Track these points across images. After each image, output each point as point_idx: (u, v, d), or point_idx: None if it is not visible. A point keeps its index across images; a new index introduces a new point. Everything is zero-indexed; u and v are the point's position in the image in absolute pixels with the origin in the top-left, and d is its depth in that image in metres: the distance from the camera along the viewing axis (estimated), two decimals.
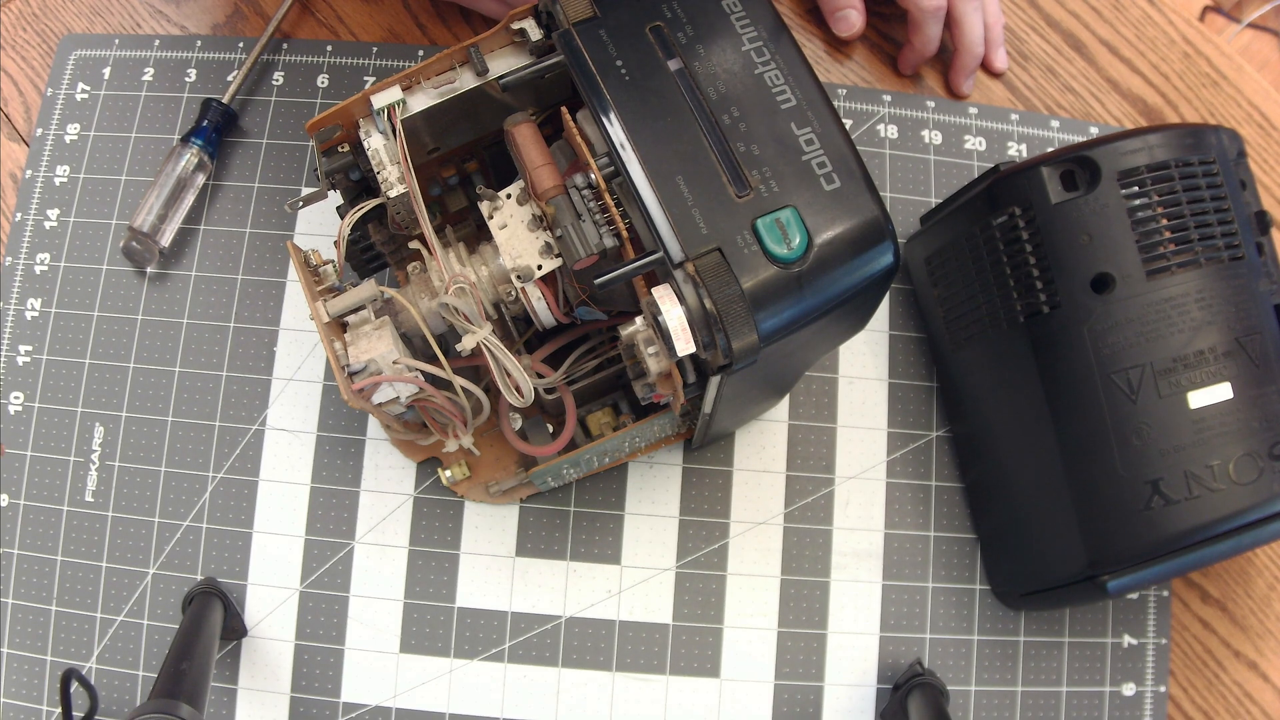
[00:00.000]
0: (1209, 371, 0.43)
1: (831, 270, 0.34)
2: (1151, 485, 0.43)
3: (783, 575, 0.52)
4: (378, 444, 0.53)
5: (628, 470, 0.53)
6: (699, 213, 0.34)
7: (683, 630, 0.51)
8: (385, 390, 0.40)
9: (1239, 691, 0.52)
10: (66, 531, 0.52)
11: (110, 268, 0.55)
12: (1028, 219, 0.45)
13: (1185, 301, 0.43)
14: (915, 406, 0.54)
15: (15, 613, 0.51)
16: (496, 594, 0.51)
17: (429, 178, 0.46)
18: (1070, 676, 0.52)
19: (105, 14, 0.59)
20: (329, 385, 0.53)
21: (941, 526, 0.53)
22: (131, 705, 0.50)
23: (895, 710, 0.48)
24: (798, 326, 0.34)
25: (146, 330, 0.54)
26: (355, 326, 0.41)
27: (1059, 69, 0.60)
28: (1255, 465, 0.42)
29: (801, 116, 0.36)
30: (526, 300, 0.41)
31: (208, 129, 0.54)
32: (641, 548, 0.52)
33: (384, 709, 0.50)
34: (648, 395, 0.40)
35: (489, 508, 0.52)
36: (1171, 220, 0.43)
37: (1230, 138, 0.46)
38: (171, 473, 0.52)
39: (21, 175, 0.56)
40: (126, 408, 0.53)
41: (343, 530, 0.52)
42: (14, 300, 0.54)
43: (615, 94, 0.36)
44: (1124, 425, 0.43)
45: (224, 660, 0.50)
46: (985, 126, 0.58)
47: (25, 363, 0.54)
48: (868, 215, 0.35)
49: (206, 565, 0.51)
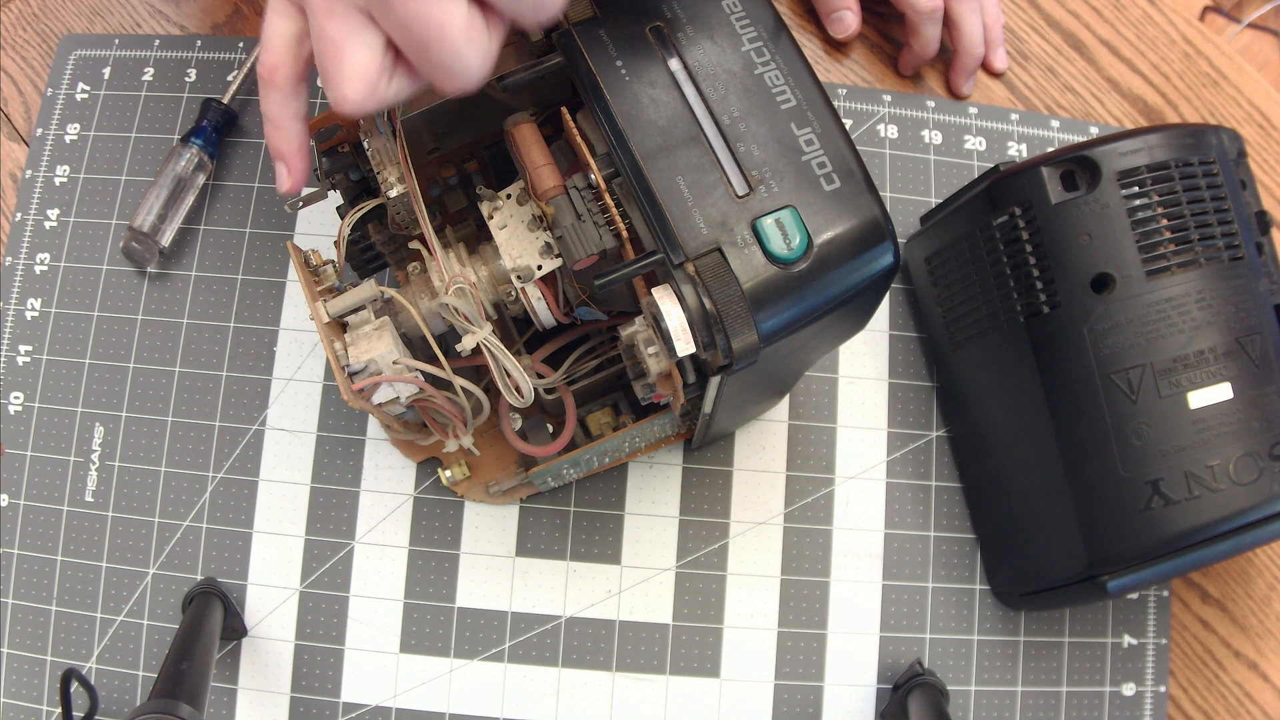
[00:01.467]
0: (1209, 371, 0.43)
1: (831, 270, 0.34)
2: (1151, 485, 0.43)
3: (783, 575, 0.52)
4: (378, 444, 0.53)
5: (628, 470, 0.53)
6: (699, 213, 0.34)
7: (683, 630, 0.51)
8: (385, 390, 0.40)
9: (1239, 691, 0.52)
10: (66, 531, 0.52)
11: (110, 268, 0.55)
12: (1028, 219, 0.45)
13: (1185, 301, 0.43)
14: (915, 406, 0.54)
15: (15, 613, 0.51)
16: (496, 594, 0.51)
17: (429, 178, 0.46)
18: (1070, 676, 0.52)
19: (105, 14, 0.59)
20: (329, 385, 0.53)
21: (941, 526, 0.53)
22: (131, 705, 0.50)
23: (895, 710, 0.48)
24: (798, 326, 0.34)
25: (146, 330, 0.54)
26: (355, 326, 0.41)
27: (1059, 69, 0.60)
28: (1255, 465, 0.42)
29: (801, 116, 0.36)
30: (526, 300, 0.41)
31: (208, 129, 0.54)
32: (641, 548, 0.52)
33: (384, 709, 0.50)
34: (648, 395, 0.39)
35: (489, 508, 0.52)
36: (1171, 220, 0.43)
37: (1230, 138, 0.46)
38: (171, 473, 0.52)
39: (21, 175, 0.56)
40: (126, 408, 0.53)
41: (343, 530, 0.52)
42: (14, 300, 0.54)
43: (615, 94, 0.36)
44: (1124, 425, 0.43)
45: (224, 660, 0.50)
46: (985, 126, 0.58)
47: (25, 363, 0.54)
48: (868, 215, 0.35)
49: (206, 565, 0.51)
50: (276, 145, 0.37)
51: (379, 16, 0.32)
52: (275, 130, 0.37)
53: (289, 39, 0.35)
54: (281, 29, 0.35)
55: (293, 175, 0.37)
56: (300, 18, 0.35)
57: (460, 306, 0.40)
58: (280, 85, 0.36)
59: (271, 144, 0.37)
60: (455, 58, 0.32)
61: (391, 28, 0.32)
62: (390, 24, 0.32)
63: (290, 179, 0.37)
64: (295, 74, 0.36)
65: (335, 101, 0.33)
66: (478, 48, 0.33)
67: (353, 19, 0.32)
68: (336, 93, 0.33)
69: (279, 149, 0.37)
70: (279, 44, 0.35)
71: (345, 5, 0.32)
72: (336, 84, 0.33)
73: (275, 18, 0.35)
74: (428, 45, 0.32)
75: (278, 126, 0.37)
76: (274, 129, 0.37)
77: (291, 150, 0.37)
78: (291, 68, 0.35)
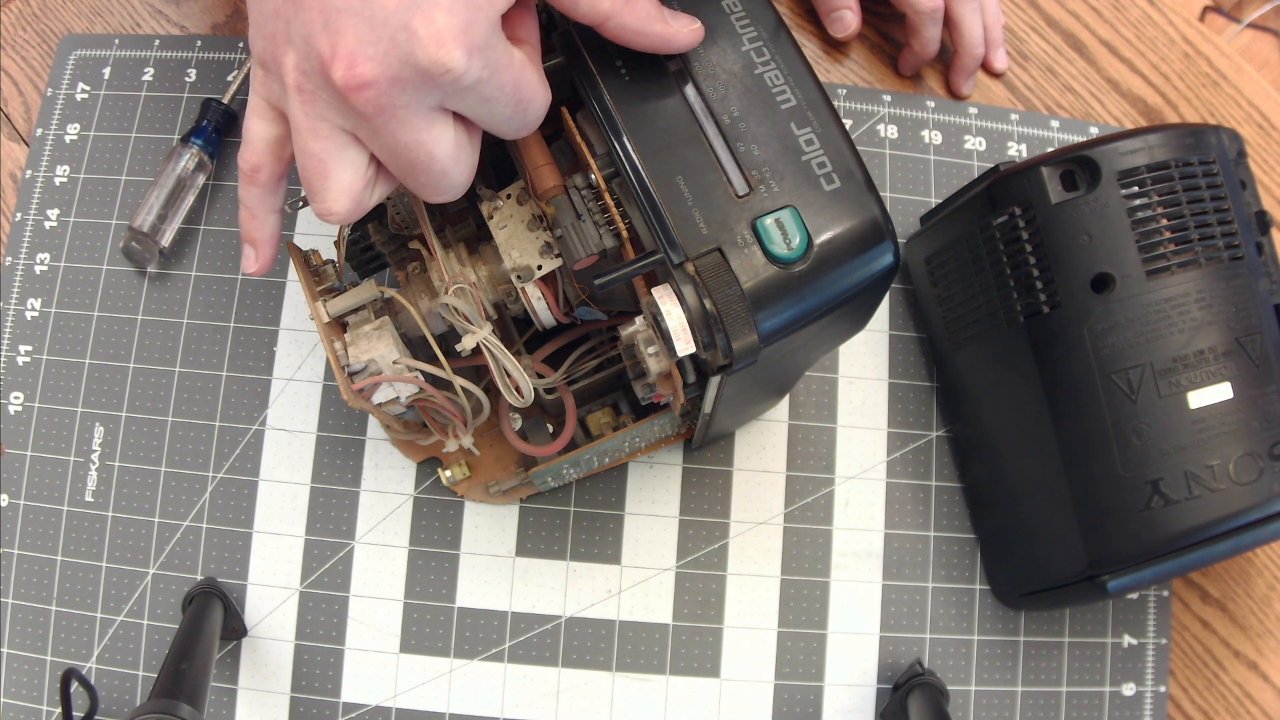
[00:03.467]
0: (1209, 371, 0.43)
1: (831, 270, 0.34)
2: (1151, 485, 0.43)
3: (783, 575, 0.52)
4: (378, 444, 0.53)
5: (628, 470, 0.53)
6: (699, 213, 0.34)
7: (683, 630, 0.51)
8: (385, 390, 0.40)
9: (1239, 691, 0.52)
10: (66, 531, 0.52)
11: (110, 268, 0.55)
12: (1028, 219, 0.45)
13: (1185, 301, 0.43)
14: (915, 406, 0.54)
15: (15, 613, 0.51)
16: (496, 594, 0.51)
17: None
18: (1070, 676, 0.52)
19: (105, 14, 0.59)
20: (329, 385, 0.53)
21: (941, 526, 0.53)
22: (131, 705, 0.50)
23: (895, 710, 0.48)
24: (798, 326, 0.34)
25: (146, 330, 0.54)
26: (355, 326, 0.41)
27: (1059, 69, 0.60)
28: (1255, 465, 0.42)
29: (801, 116, 0.36)
30: (526, 300, 0.41)
31: (208, 129, 0.54)
32: (641, 548, 0.52)
33: (384, 709, 0.50)
34: (648, 395, 0.39)
35: (489, 508, 0.52)
36: (1171, 220, 0.43)
37: (1230, 138, 0.46)
38: (171, 473, 0.52)
39: (21, 175, 0.56)
40: (126, 408, 0.53)
41: (343, 530, 0.52)
42: (14, 300, 0.54)
43: (615, 94, 0.36)
44: (1124, 425, 0.43)
45: (224, 660, 0.50)
46: (985, 126, 0.58)
47: (25, 363, 0.54)
48: (868, 215, 0.35)
49: (206, 565, 0.51)
50: (250, 232, 0.38)
51: (365, 139, 0.32)
52: (251, 219, 0.37)
53: (270, 141, 0.35)
54: (263, 131, 0.35)
55: (259, 260, 0.38)
56: (281, 122, 0.34)
57: (460, 306, 0.40)
58: (261, 184, 0.36)
59: (244, 229, 0.37)
60: (444, 177, 0.33)
61: (379, 150, 0.32)
62: (378, 147, 0.32)
63: (257, 263, 0.38)
64: (276, 175, 0.36)
65: (320, 214, 0.33)
66: (464, 166, 0.33)
67: (337, 139, 0.32)
68: (322, 207, 0.33)
69: (252, 236, 0.38)
70: (261, 146, 0.35)
71: (329, 126, 0.32)
72: (322, 199, 0.33)
73: (256, 121, 0.35)
74: (416, 169, 0.32)
75: (254, 215, 0.37)
76: (250, 217, 0.37)
77: (263, 238, 0.38)
78: (273, 169, 0.36)
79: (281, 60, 0.31)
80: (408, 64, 0.30)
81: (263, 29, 0.32)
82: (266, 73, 0.33)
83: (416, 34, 0.29)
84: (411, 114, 0.31)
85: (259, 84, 0.34)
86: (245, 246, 0.38)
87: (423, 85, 0.30)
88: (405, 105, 0.30)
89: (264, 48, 0.32)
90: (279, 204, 0.37)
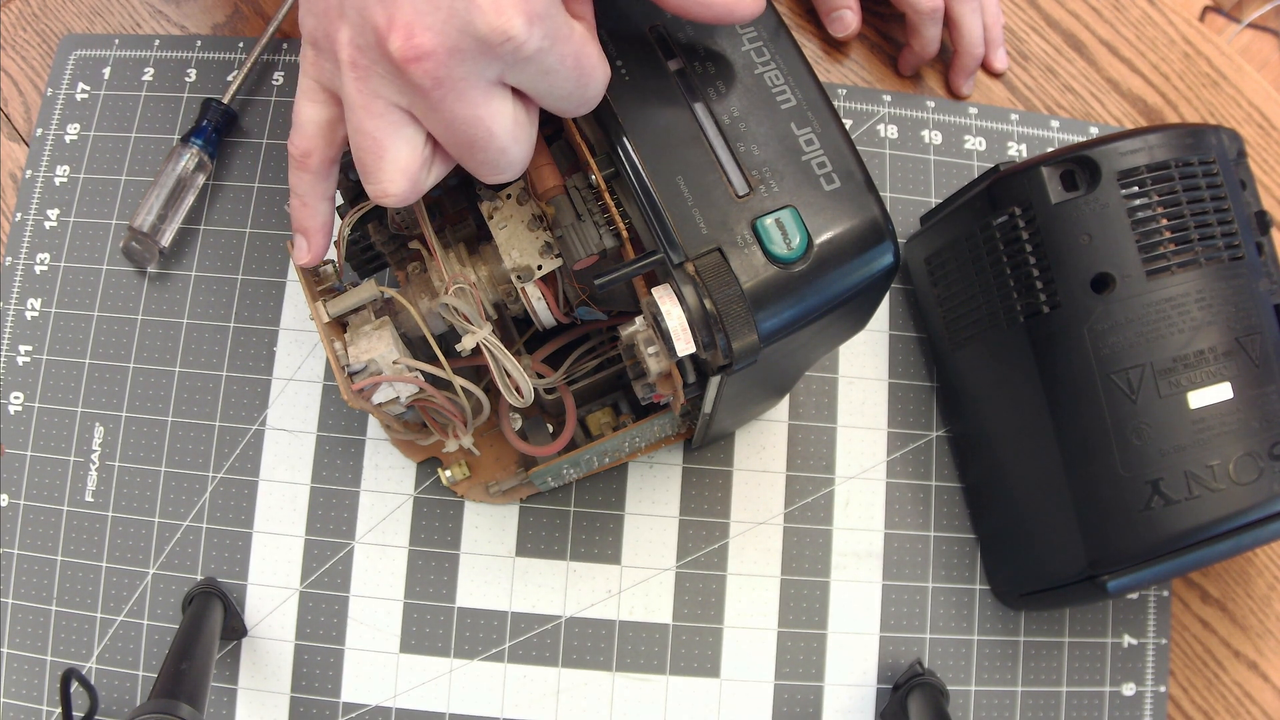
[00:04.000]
0: (1209, 371, 0.43)
1: (831, 270, 0.34)
2: (1151, 485, 0.43)
3: (783, 575, 0.52)
4: (378, 444, 0.53)
5: (628, 470, 0.53)
6: (699, 213, 0.34)
7: (683, 630, 0.51)
8: (385, 390, 0.40)
9: (1239, 691, 0.52)
10: (66, 531, 0.52)
11: (110, 268, 0.55)
12: (1028, 219, 0.45)
13: (1185, 301, 0.43)
14: (915, 406, 0.54)
15: (15, 613, 0.51)
16: (496, 594, 0.51)
17: None
18: (1070, 676, 0.52)
19: (105, 14, 0.59)
20: (329, 385, 0.53)
21: (941, 527, 0.53)
22: (131, 705, 0.50)
23: (895, 710, 0.48)
24: (798, 326, 0.34)
25: (146, 330, 0.54)
26: (355, 326, 0.41)
27: (1059, 69, 0.60)
28: (1255, 465, 0.42)
29: (801, 116, 0.36)
30: (526, 300, 0.41)
31: (208, 129, 0.54)
32: (641, 548, 0.52)
33: (384, 709, 0.50)
34: (648, 395, 0.39)
35: (489, 508, 0.52)
36: (1171, 220, 0.43)
37: (1230, 138, 0.46)
38: (171, 473, 0.52)
39: (21, 175, 0.56)
40: (126, 408, 0.53)
41: (343, 530, 0.52)
42: (14, 300, 0.54)
43: (615, 94, 0.36)
44: (1124, 425, 0.43)
45: (224, 660, 0.50)
46: (985, 126, 0.58)
47: (25, 363, 0.54)
48: (868, 215, 0.35)
49: (206, 565, 0.51)
50: (302, 221, 0.37)
51: (421, 116, 0.31)
52: (303, 207, 0.36)
53: (321, 125, 0.34)
54: (313, 114, 0.34)
55: (312, 250, 0.37)
56: (334, 105, 0.34)
57: (460, 306, 0.40)
58: (313, 169, 0.35)
59: (296, 218, 0.37)
60: (502, 155, 0.32)
61: (436, 127, 0.31)
62: (434, 124, 0.31)
63: (310, 254, 0.37)
64: (328, 159, 0.35)
65: (376, 195, 0.32)
66: (523, 144, 0.32)
67: (393, 116, 0.31)
68: (378, 188, 0.32)
69: (304, 225, 0.37)
70: (312, 130, 0.34)
71: (385, 103, 0.31)
72: (378, 180, 0.32)
73: (307, 103, 0.34)
74: (474, 146, 0.31)
75: (305, 204, 0.36)
76: (301, 205, 0.36)
77: (315, 227, 0.37)
78: (325, 153, 0.35)
79: (335, 36, 0.31)
80: (467, 33, 0.29)
81: (313, 6, 0.31)
82: (318, 52, 0.32)
83: (475, 2, 0.28)
84: (470, 87, 0.30)
85: (309, 64, 0.33)
86: (297, 236, 0.37)
87: (482, 56, 0.29)
88: (464, 78, 0.29)
89: (315, 25, 0.32)
90: (331, 191, 0.36)
